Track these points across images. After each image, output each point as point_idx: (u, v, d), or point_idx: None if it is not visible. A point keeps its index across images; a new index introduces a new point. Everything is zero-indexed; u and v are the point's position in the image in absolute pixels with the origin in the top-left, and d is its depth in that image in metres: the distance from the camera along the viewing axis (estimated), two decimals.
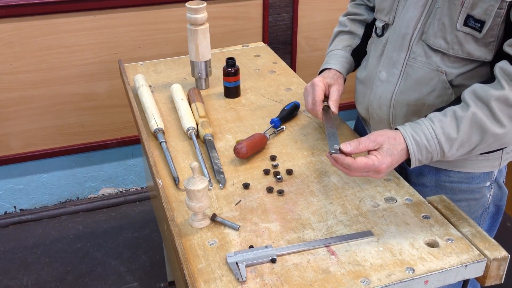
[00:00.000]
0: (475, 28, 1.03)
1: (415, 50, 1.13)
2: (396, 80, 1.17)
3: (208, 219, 1.05)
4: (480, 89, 1.02)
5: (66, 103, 2.31)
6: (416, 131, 1.02)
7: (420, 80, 1.14)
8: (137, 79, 1.54)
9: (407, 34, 1.14)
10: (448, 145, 1.02)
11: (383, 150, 1.00)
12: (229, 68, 1.50)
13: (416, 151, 1.02)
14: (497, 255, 0.94)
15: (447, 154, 1.03)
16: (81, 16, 2.16)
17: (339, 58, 1.34)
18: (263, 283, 0.91)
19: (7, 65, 2.16)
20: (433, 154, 1.03)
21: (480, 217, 1.28)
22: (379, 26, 1.24)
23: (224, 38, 2.38)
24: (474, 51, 1.06)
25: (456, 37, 1.06)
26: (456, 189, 1.23)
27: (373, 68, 1.25)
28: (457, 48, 1.07)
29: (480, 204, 1.25)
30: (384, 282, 0.90)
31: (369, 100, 1.26)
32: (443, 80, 1.11)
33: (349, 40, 1.37)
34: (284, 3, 2.43)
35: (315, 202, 1.10)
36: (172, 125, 1.39)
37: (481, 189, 1.23)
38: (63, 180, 2.52)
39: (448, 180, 1.22)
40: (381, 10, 1.22)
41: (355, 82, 1.37)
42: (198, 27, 1.47)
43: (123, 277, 2.19)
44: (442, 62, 1.10)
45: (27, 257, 2.29)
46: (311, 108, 1.26)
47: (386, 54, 1.19)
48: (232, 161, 1.24)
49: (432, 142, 1.01)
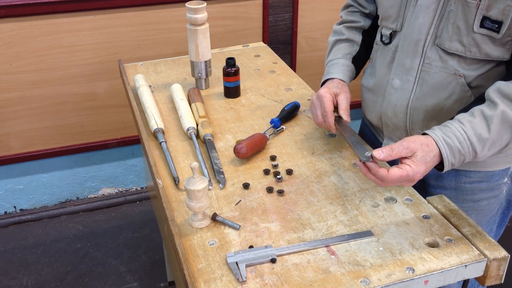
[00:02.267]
0: (493, 29, 1.01)
1: (429, 56, 1.12)
2: (412, 87, 1.16)
3: (208, 219, 1.05)
4: (504, 86, 1.00)
5: (66, 103, 2.31)
6: (448, 135, 1.00)
7: (437, 85, 1.12)
8: (137, 79, 1.54)
9: (419, 40, 1.12)
10: (481, 146, 1.00)
11: (417, 158, 0.97)
12: (229, 68, 1.50)
13: (449, 154, 1.00)
14: (497, 255, 0.94)
15: (480, 155, 1.01)
16: (81, 16, 2.16)
17: (341, 66, 1.31)
18: (263, 283, 0.91)
19: (7, 65, 2.15)
20: (466, 156, 1.01)
21: (496, 213, 1.28)
22: (386, 34, 1.22)
23: (224, 38, 2.38)
24: (492, 52, 1.05)
25: (473, 40, 1.05)
26: (476, 189, 1.21)
27: (383, 76, 1.23)
28: (474, 50, 1.06)
29: (498, 201, 1.25)
30: (384, 282, 0.90)
31: (382, 108, 1.24)
32: (461, 83, 1.09)
33: (348, 48, 1.35)
34: (284, 3, 2.43)
35: (315, 202, 1.10)
36: (172, 125, 1.39)
37: (499, 185, 1.22)
38: (63, 180, 2.52)
39: (468, 180, 1.21)
40: (387, 17, 1.20)
41: (362, 90, 1.35)
42: (198, 27, 1.47)
43: (123, 277, 2.19)
44: (459, 65, 1.09)
45: (27, 257, 2.29)
46: (321, 121, 1.20)
47: (398, 61, 1.18)
48: (232, 161, 1.24)
49: (464, 144, 0.99)
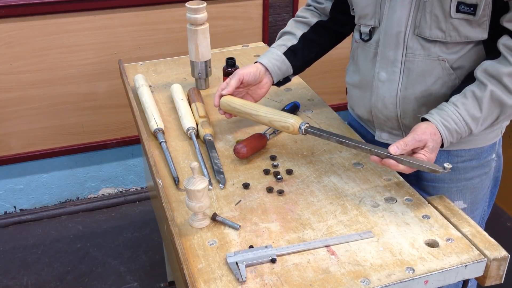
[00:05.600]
0: (469, 12, 1.07)
1: (411, 46, 1.16)
2: (398, 78, 1.19)
3: (208, 219, 1.05)
4: (490, 67, 1.08)
5: (66, 103, 2.31)
6: (445, 118, 1.09)
7: (423, 72, 1.17)
8: (137, 79, 1.54)
9: (399, 32, 1.16)
10: (475, 124, 1.10)
11: (429, 148, 1.06)
12: (229, 68, 1.50)
13: (448, 135, 1.09)
14: (497, 255, 0.94)
15: (475, 131, 1.11)
16: (81, 16, 2.16)
17: (270, 54, 1.34)
18: (263, 283, 0.91)
19: (7, 65, 2.16)
20: (462, 134, 1.11)
21: (487, 191, 1.32)
22: (365, 31, 1.24)
23: (224, 38, 2.38)
24: (470, 34, 1.10)
25: (452, 25, 1.09)
26: (468, 167, 1.26)
27: (368, 71, 1.26)
28: (454, 35, 1.11)
29: (488, 178, 1.30)
30: (384, 282, 0.90)
31: (371, 102, 1.27)
32: (445, 67, 1.15)
33: (287, 40, 1.37)
34: (284, 3, 2.43)
35: (315, 202, 1.10)
36: (172, 125, 1.39)
37: (488, 162, 1.28)
38: (63, 180, 2.52)
39: (460, 160, 1.25)
40: (364, 16, 1.23)
41: (347, 88, 1.38)
42: (198, 27, 1.47)
43: (123, 277, 2.19)
44: (441, 50, 1.14)
45: (27, 257, 2.29)
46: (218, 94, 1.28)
47: (381, 55, 1.21)
48: (232, 161, 1.24)
49: (460, 124, 1.09)
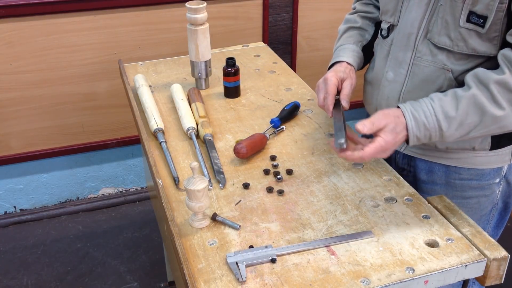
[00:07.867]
0: (478, 23, 1.04)
1: (420, 49, 1.14)
2: (403, 80, 1.18)
3: (208, 219, 1.05)
4: (481, 72, 1.04)
5: (66, 103, 2.31)
6: (416, 108, 1.04)
7: (426, 78, 1.15)
8: (137, 79, 1.54)
9: (412, 33, 1.14)
10: (447, 123, 1.03)
11: (387, 128, 1.03)
12: (229, 68, 1.50)
13: (414, 127, 1.03)
14: (497, 255, 0.94)
15: (446, 133, 1.04)
16: (81, 16, 2.16)
17: (351, 51, 1.31)
18: (263, 283, 0.91)
19: (7, 65, 2.15)
20: (432, 132, 1.04)
21: (489, 213, 1.29)
22: (384, 28, 1.25)
23: (224, 38, 2.38)
24: (478, 47, 1.07)
25: (460, 34, 1.07)
26: (466, 186, 1.23)
27: (380, 69, 1.26)
28: (461, 45, 1.08)
29: (489, 201, 1.26)
30: (384, 282, 0.90)
31: (377, 101, 1.26)
32: (449, 78, 1.12)
33: (359, 36, 1.34)
34: (284, 3, 2.43)
35: (315, 202, 1.10)
36: (172, 125, 1.39)
37: (491, 185, 1.24)
38: (63, 180, 2.52)
39: (458, 177, 1.23)
40: (385, 11, 1.23)
41: (364, 83, 1.36)
42: (198, 27, 1.47)
43: (123, 277, 2.19)
44: (447, 59, 1.11)
45: (27, 257, 2.29)
46: (323, 104, 1.22)
47: (392, 54, 1.20)
48: (232, 161, 1.24)
49: (430, 119, 1.03)
